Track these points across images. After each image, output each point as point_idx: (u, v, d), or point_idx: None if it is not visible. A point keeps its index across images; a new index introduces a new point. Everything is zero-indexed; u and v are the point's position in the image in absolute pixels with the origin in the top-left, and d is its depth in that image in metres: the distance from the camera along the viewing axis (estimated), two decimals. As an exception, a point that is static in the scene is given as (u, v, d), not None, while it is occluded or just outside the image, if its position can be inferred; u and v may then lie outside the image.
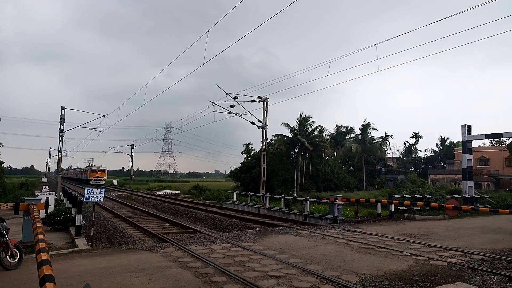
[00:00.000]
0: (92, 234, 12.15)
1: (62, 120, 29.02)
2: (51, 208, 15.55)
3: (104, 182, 72.98)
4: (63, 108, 29.06)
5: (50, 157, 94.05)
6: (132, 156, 63.10)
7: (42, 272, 3.59)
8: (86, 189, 11.76)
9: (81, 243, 10.39)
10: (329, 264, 7.50)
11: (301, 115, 49.26)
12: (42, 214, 13.56)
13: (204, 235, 11.73)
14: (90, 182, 67.63)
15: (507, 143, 49.30)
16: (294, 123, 49.16)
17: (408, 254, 8.55)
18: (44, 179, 75.05)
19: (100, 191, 11.56)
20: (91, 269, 7.07)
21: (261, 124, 28.65)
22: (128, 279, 6.32)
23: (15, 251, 7.23)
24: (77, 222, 12.03)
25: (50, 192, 23.19)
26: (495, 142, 66.44)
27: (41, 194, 20.43)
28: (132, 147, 62.66)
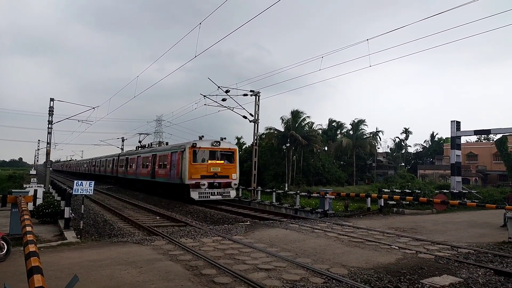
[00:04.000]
0: (81, 227, 12.03)
1: (50, 112, 28.58)
2: (39, 201, 15.34)
3: (233, 194, 22.43)
4: (52, 99, 28.57)
5: (38, 150, 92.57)
6: (122, 149, 62.59)
7: (29, 263, 3.54)
8: (75, 181, 11.60)
9: (70, 235, 10.28)
10: (318, 257, 7.56)
11: (293, 110, 49.47)
12: (30, 206, 13.36)
13: (194, 228, 11.72)
14: (196, 198, 20.68)
15: (495, 139, 50.05)
16: (287, 118, 49.38)
17: (397, 247, 8.67)
18: (33, 172, 73.86)
19: (89, 184, 11.41)
20: (80, 261, 7.03)
21: (253, 118, 28.60)
22: (118, 272, 6.29)
23: (3, 244, 7.13)
24: (66, 215, 11.89)
25: (39, 185, 22.90)
26: (483, 138, 67.44)
27: (29, 187, 20.17)
28: (123, 140, 62.10)
